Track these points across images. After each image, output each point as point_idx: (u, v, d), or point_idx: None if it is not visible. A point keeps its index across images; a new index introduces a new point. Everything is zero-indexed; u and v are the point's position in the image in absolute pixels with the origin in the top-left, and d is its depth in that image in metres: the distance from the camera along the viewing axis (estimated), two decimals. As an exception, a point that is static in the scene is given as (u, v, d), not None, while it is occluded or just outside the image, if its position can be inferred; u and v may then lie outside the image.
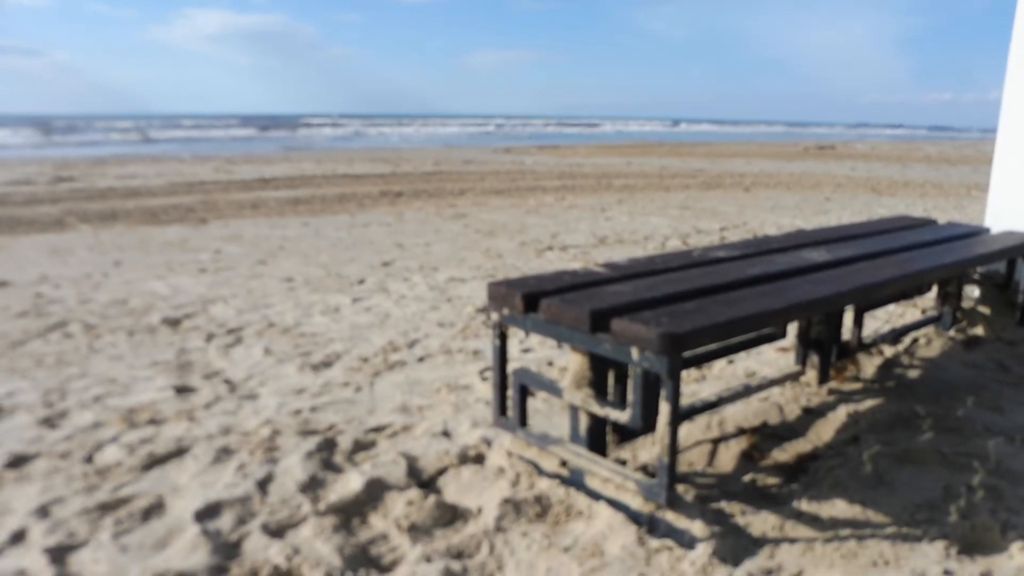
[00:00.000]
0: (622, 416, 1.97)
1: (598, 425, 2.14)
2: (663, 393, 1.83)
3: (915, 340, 3.48)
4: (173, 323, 3.96)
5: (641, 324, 1.82)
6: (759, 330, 2.21)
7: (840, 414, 2.69)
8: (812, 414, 2.70)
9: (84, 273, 5.30)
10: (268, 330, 3.84)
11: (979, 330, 3.61)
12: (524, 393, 2.27)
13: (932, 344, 3.43)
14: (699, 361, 2.46)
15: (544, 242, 6.62)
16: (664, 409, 1.83)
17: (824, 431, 2.56)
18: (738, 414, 2.67)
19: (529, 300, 2.10)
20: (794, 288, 2.24)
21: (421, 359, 3.35)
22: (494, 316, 2.21)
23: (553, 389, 2.16)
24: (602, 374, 2.09)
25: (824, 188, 12.08)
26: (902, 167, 18.98)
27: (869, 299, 2.58)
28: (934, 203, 10.19)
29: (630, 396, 1.96)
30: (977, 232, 3.57)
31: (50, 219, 8.03)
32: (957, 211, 9.10)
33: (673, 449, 1.86)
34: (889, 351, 3.28)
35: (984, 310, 3.68)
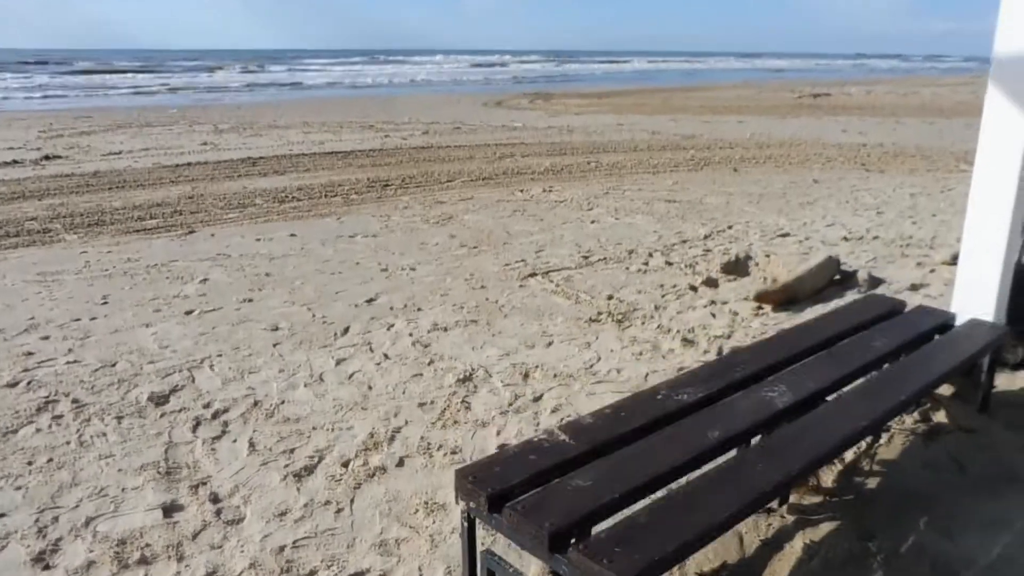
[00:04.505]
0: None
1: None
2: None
3: (876, 436, 3.60)
4: (160, 401, 4.06)
5: (593, 562, 1.92)
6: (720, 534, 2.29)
7: (796, 547, 2.83)
8: (770, 547, 2.84)
9: (72, 316, 5.37)
10: (253, 411, 3.94)
11: (941, 415, 3.73)
12: None
13: (893, 441, 3.56)
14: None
15: (528, 262, 6.68)
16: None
17: (780, 570, 2.71)
18: (699, 555, 2.80)
19: (493, 501, 2.20)
20: (754, 476, 2.34)
21: (400, 463, 3.46)
22: (461, 505, 2.31)
23: (518, 578, 2.28)
24: None
25: (813, 165, 12.06)
26: (895, 123, 18.87)
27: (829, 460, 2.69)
28: (921, 186, 10.24)
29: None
30: (944, 325, 3.67)
31: (36, 227, 8.04)
32: (945, 201, 9.13)
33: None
34: (849, 455, 3.41)
35: (945, 395, 3.80)
